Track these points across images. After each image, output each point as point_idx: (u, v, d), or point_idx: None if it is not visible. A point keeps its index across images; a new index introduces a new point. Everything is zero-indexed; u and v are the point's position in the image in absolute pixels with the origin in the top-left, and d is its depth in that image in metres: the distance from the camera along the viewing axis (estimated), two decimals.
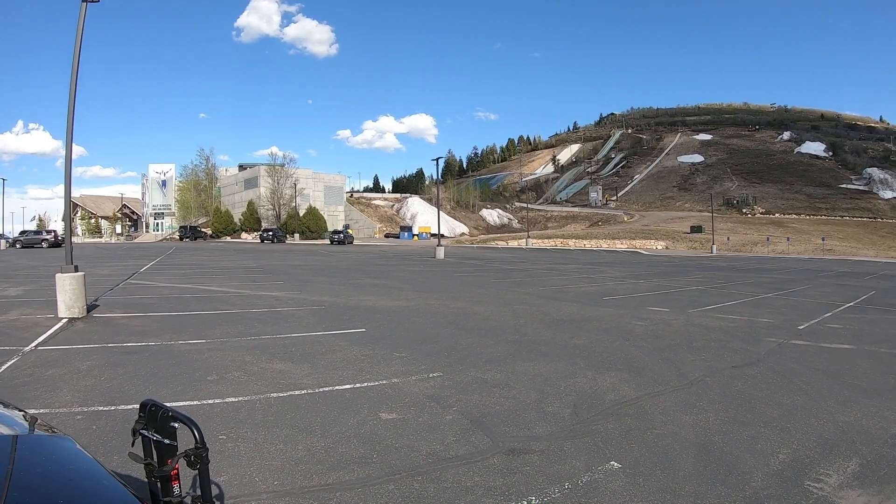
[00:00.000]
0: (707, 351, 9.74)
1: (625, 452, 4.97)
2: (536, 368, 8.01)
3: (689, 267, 37.46)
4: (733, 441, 5.40)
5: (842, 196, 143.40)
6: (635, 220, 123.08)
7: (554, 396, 6.63)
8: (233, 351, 8.66)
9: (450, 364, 8.13)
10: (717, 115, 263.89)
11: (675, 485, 4.38)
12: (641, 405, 6.43)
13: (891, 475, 4.76)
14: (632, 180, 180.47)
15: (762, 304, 17.04)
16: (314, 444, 4.95)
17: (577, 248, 74.80)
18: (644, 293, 19.33)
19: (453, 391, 6.74)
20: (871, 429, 5.92)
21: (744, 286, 23.28)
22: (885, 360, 9.66)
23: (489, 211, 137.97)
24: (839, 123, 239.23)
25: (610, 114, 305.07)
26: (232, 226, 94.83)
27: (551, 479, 4.39)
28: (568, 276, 26.71)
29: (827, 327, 13.01)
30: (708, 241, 77.06)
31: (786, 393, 7.18)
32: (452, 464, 4.61)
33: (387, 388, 6.84)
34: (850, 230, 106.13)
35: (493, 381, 7.27)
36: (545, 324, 12.18)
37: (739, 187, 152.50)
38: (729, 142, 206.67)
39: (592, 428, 5.59)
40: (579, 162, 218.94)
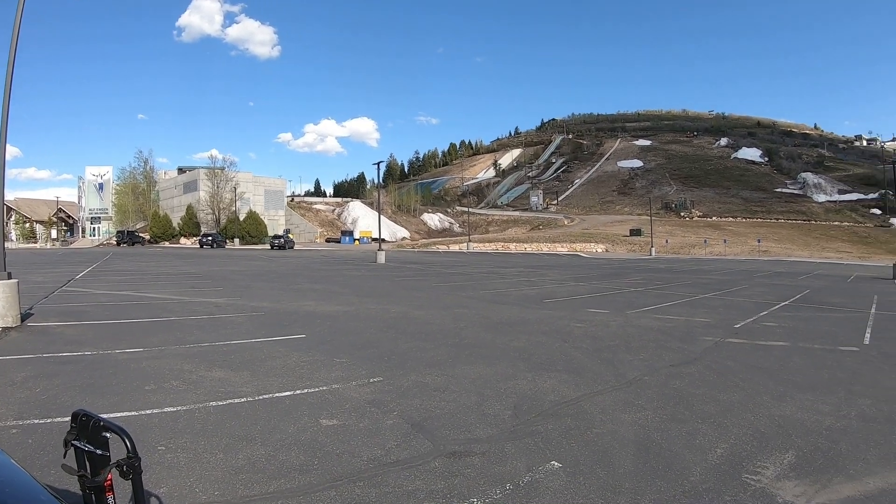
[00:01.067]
0: (645, 351, 9.99)
1: (565, 452, 5.07)
2: (477, 371, 8.07)
3: (628, 269, 38.39)
4: (672, 437, 5.55)
5: (777, 199, 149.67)
6: (576, 223, 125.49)
7: (494, 399, 6.70)
8: (171, 359, 8.45)
9: (390, 368, 8.12)
10: (657, 122, 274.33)
11: (616, 482, 4.48)
12: (581, 405, 6.54)
13: (826, 465, 4.98)
14: (572, 185, 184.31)
15: (699, 305, 17.61)
16: (254, 452, 4.91)
17: (518, 252, 75.72)
18: (583, 295, 19.69)
19: (394, 396, 6.74)
20: (806, 422, 6.20)
21: (681, 287, 24.01)
22: (819, 355, 10.14)
23: (430, 215, 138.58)
24: (775, 130, 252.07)
25: (551, 119, 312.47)
26: (171, 231, 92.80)
27: (493, 481, 4.43)
28: (508, 279, 27.00)
29: (762, 325, 13.56)
30: (647, 243, 79.20)
31: (722, 390, 7.43)
32: (394, 468, 4.63)
33: (327, 394, 6.78)
34: (785, 232, 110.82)
35: (434, 384, 7.30)
36: (485, 327, 12.29)
37: (678, 191, 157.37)
38: (668, 147, 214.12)
39: (533, 429, 5.67)
40: (520, 166, 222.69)
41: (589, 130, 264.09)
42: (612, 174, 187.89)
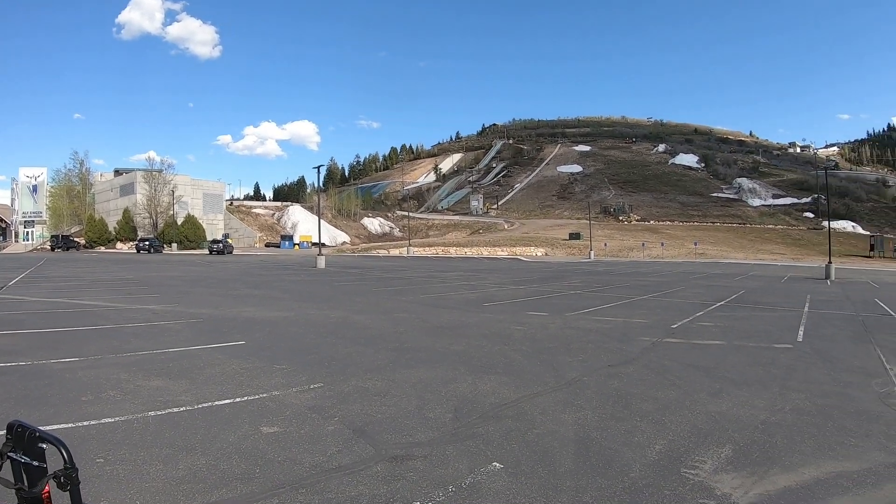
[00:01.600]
0: (584, 352, 10.15)
1: (506, 453, 5.11)
2: (417, 375, 8.07)
3: (567, 272, 38.99)
4: (611, 436, 5.65)
5: (713, 204, 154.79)
6: (516, 227, 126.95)
7: (435, 402, 6.71)
8: (108, 369, 8.16)
9: (330, 374, 8.04)
10: (597, 128, 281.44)
11: (557, 480, 4.55)
12: (521, 406, 6.61)
13: (762, 458, 5.16)
14: (512, 189, 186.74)
15: (637, 306, 18.01)
16: (195, 462, 4.82)
17: (458, 256, 76.03)
18: (523, 298, 19.88)
19: (335, 401, 6.68)
20: (742, 417, 6.41)
21: (620, 290, 24.51)
22: (753, 353, 10.52)
23: (371, 219, 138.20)
24: (712, 137, 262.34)
25: (492, 124, 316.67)
26: (107, 235, 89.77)
27: (435, 484, 4.44)
28: (449, 283, 27.09)
29: (699, 325, 13.98)
30: (586, 247, 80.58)
31: (660, 388, 7.62)
32: (336, 474, 4.60)
33: (268, 401, 6.68)
34: (721, 235, 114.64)
35: (375, 389, 7.27)
36: (425, 331, 12.31)
37: (616, 196, 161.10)
38: (607, 153, 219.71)
39: (474, 431, 5.70)
40: (461, 171, 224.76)
41: (529, 136, 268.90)
42: (551, 179, 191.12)
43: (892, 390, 7.90)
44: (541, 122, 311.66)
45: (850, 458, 5.26)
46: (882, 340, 12.44)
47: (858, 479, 4.77)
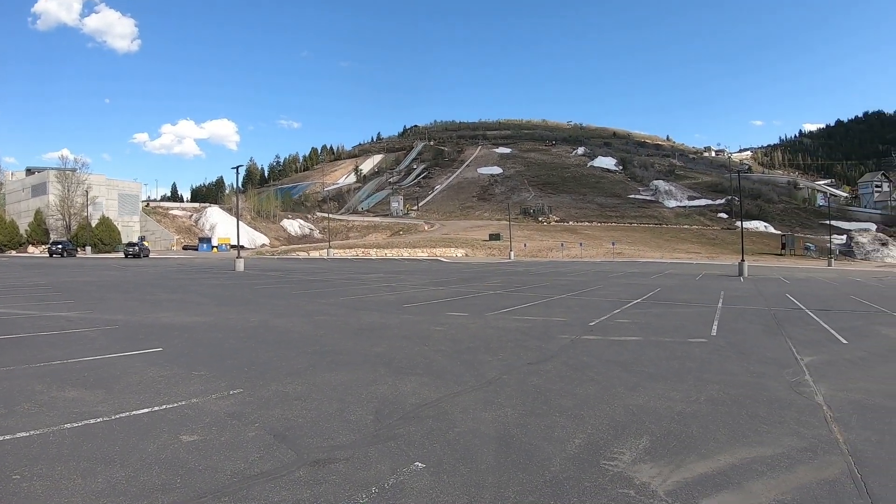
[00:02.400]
0: (504, 351, 10.28)
1: (428, 452, 5.16)
2: (338, 378, 8.01)
3: (487, 273, 39.37)
4: (531, 432, 5.75)
5: (631, 205, 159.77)
6: (436, 229, 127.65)
7: (356, 404, 6.68)
8: (20, 380, 7.77)
9: (250, 379, 7.89)
10: (517, 131, 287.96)
11: (479, 478, 4.62)
12: (442, 406, 6.65)
13: (679, 448, 5.36)
14: (433, 190, 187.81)
15: (556, 305, 18.36)
16: (114, 474, 4.69)
17: (378, 258, 75.86)
18: (443, 299, 19.96)
19: (255, 407, 6.57)
20: (659, 409, 6.65)
21: (539, 289, 24.91)
22: (669, 347, 10.93)
23: (290, 221, 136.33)
24: (630, 141, 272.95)
25: (413, 126, 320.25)
26: (17, 238, 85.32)
27: (358, 486, 4.44)
28: (369, 285, 26.94)
29: (616, 322, 14.39)
30: (506, 247, 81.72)
31: (579, 384, 7.80)
32: (258, 481, 4.55)
33: (187, 408, 6.52)
34: (638, 235, 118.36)
35: (295, 393, 7.18)
36: (346, 333, 12.22)
37: (536, 197, 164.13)
38: (527, 155, 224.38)
39: (395, 432, 5.72)
40: (382, 172, 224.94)
41: (451, 138, 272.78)
42: (472, 180, 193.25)
43: (803, 379, 8.36)
44: (462, 124, 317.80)
45: (764, 443, 5.53)
46: (792, 332, 13.17)
47: (772, 464, 5.03)
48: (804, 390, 7.69)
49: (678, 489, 4.45)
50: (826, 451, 5.42)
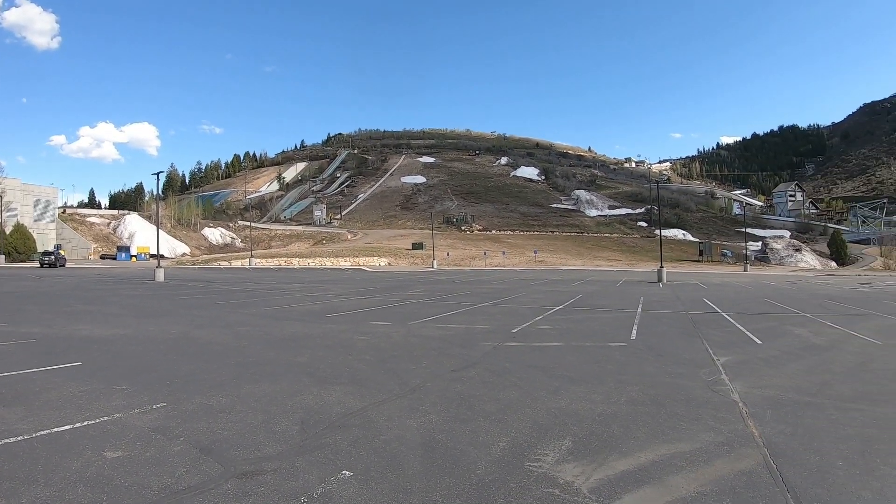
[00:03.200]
0: (427, 359, 10.35)
1: (355, 460, 5.21)
2: (262, 389, 7.93)
3: (410, 282, 39.40)
4: (456, 437, 5.84)
5: (553, 214, 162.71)
6: (359, 238, 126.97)
7: (281, 415, 6.65)
8: None
9: (173, 393, 7.73)
10: (441, 140, 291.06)
11: (406, 483, 4.71)
12: (367, 414, 6.68)
13: (600, 447, 5.56)
14: (356, 199, 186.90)
15: (479, 313, 18.56)
16: (38, 494, 4.56)
17: (301, 267, 74.76)
18: (366, 308, 19.88)
19: (179, 421, 6.45)
20: (580, 411, 6.86)
21: (462, 297, 25.10)
22: (589, 352, 11.24)
23: (212, 230, 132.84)
24: (552, 151, 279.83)
25: (338, 133, 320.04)
26: None
27: (286, 496, 4.46)
28: (292, 295, 26.58)
29: (538, 329, 14.68)
30: (429, 256, 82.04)
31: (502, 389, 7.95)
32: (186, 495, 4.52)
33: (109, 424, 6.35)
34: (559, 243, 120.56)
35: (219, 406, 7.08)
36: (269, 344, 12.09)
37: (459, 206, 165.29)
38: (451, 165, 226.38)
39: (322, 441, 5.73)
40: (305, 180, 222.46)
41: (375, 146, 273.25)
42: (395, 189, 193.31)
43: (719, 378, 8.76)
44: (386, 132, 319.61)
45: (683, 440, 5.80)
46: (709, 335, 13.73)
47: (691, 458, 5.29)
48: (720, 388, 8.05)
49: (601, 486, 4.63)
50: (742, 444, 5.72)
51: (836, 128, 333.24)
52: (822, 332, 14.56)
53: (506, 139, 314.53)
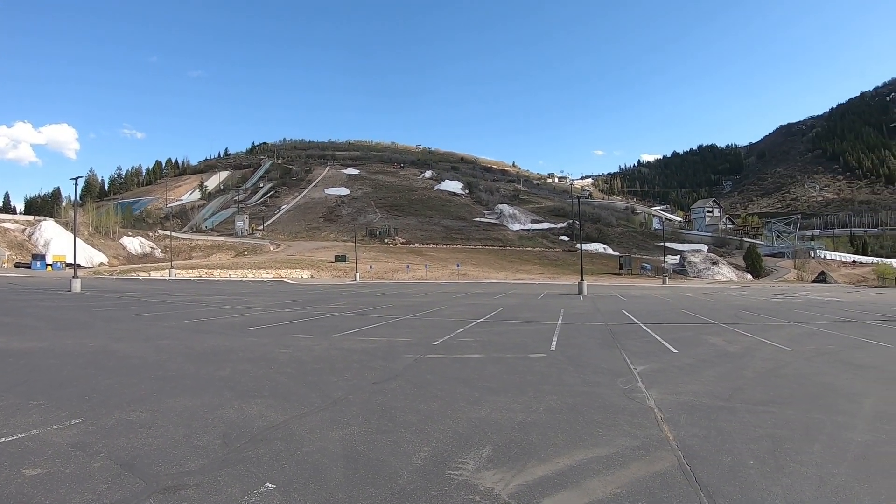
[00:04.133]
0: (349, 371, 10.33)
1: (278, 473, 5.21)
2: (183, 403, 7.78)
3: (333, 294, 39.13)
4: (378, 448, 5.89)
5: (476, 228, 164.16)
6: (281, 249, 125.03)
7: (203, 429, 6.56)
8: None
9: (92, 408, 7.51)
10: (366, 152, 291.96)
11: (329, 494, 4.74)
12: (289, 427, 6.66)
13: (520, 454, 5.71)
14: (279, 210, 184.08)
15: (401, 325, 18.62)
16: None
17: (222, 279, 73.13)
18: (288, 321, 19.66)
19: (99, 436, 6.28)
20: (500, 420, 7.01)
21: (385, 310, 25.10)
22: (510, 363, 11.43)
23: (131, 238, 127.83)
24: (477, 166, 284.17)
25: (262, 143, 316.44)
26: None
27: None
28: (213, 307, 26.03)
29: (459, 341, 14.83)
30: (352, 269, 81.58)
31: (423, 400, 8.04)
32: None
33: (26, 441, 6.14)
34: (482, 257, 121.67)
35: (140, 421, 6.92)
36: (190, 358, 11.83)
37: (383, 219, 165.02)
38: (375, 177, 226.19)
39: (244, 455, 5.69)
40: (227, 189, 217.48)
41: (299, 156, 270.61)
42: (319, 201, 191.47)
43: (636, 386, 9.09)
44: (311, 143, 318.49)
45: (600, 445, 6.02)
46: (627, 345, 14.16)
47: (608, 462, 5.51)
48: (637, 396, 8.35)
49: (520, 492, 4.76)
50: (657, 447, 5.98)
51: (752, 148, 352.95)
52: (736, 341, 15.26)
53: (431, 153, 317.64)
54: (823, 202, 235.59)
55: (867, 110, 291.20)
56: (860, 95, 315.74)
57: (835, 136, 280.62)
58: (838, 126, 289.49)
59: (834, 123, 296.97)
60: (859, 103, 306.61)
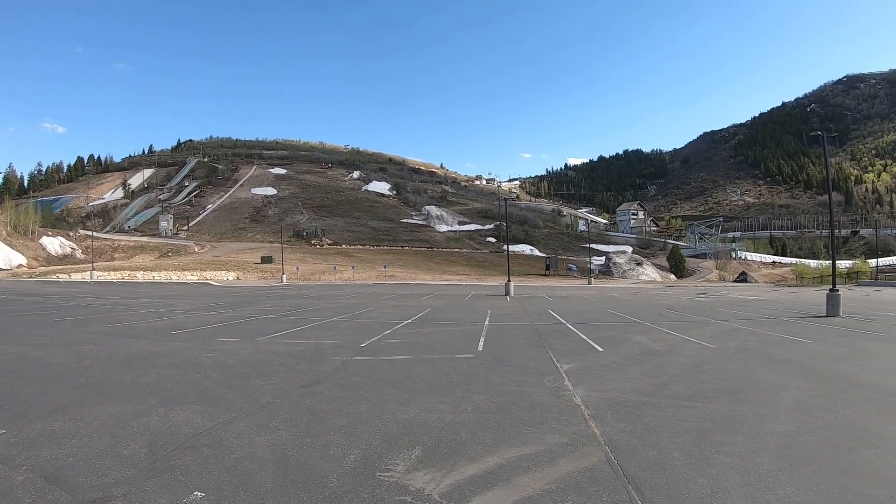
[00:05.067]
0: (276, 375, 10.22)
1: (206, 481, 5.12)
2: (107, 412, 7.54)
3: (259, 297, 38.47)
4: (307, 452, 5.86)
5: (403, 229, 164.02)
6: (206, 250, 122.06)
7: (128, 438, 6.38)
8: None
9: (12, 419, 7.21)
10: (294, 152, 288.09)
11: (259, 500, 4.71)
12: (217, 434, 6.55)
13: (450, 454, 5.78)
14: (205, 210, 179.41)
15: (328, 328, 18.46)
16: None
17: (146, 281, 70.95)
18: (214, 325, 19.26)
19: (20, 448, 6.05)
20: (429, 421, 7.07)
21: (312, 312, 24.85)
22: (438, 364, 11.50)
23: (51, 239, 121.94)
24: (405, 167, 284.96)
25: (188, 140, 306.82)
26: None
27: None
28: (136, 311, 25.21)
29: (387, 342, 14.83)
30: (278, 270, 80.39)
31: (351, 403, 8.03)
32: None
33: None
34: (409, 258, 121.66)
35: (63, 431, 6.68)
36: (113, 364, 11.45)
37: (310, 220, 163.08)
38: (302, 177, 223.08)
39: (171, 463, 5.58)
40: (151, 188, 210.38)
41: (226, 155, 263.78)
42: (245, 201, 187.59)
43: (563, 384, 9.28)
44: (238, 141, 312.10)
45: (529, 443, 6.14)
46: (553, 344, 14.41)
47: (537, 460, 5.62)
48: (563, 394, 8.53)
49: (451, 491, 4.82)
50: (585, 443, 6.15)
51: (677, 153, 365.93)
52: (660, 339, 15.69)
53: (359, 153, 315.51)
54: (744, 206, 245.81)
55: (788, 120, 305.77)
56: (781, 105, 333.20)
57: (756, 144, 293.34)
58: (760, 134, 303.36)
59: (756, 131, 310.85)
60: (780, 113, 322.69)
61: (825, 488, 4.98)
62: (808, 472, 5.38)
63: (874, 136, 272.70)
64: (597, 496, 4.76)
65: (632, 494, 4.81)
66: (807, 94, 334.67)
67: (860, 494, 4.86)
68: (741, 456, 5.77)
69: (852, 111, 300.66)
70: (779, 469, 5.43)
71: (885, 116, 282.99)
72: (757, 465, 5.52)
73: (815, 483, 5.10)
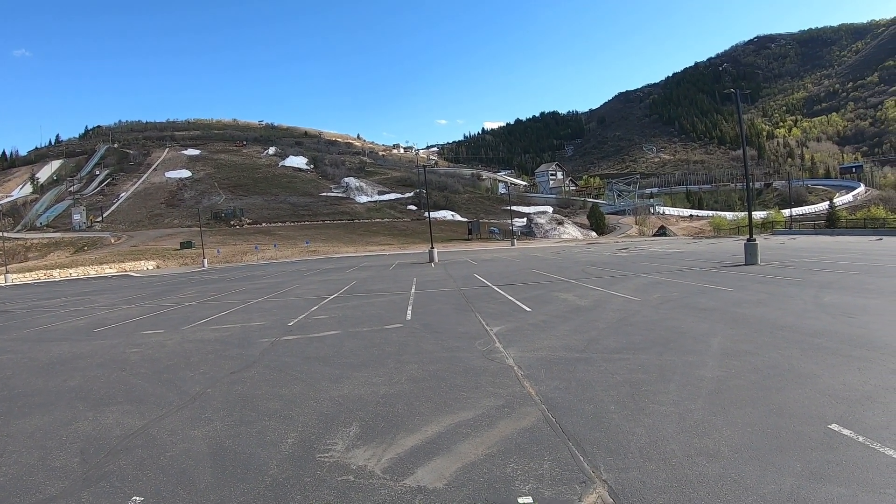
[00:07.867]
0: (205, 364, 9.98)
1: (144, 484, 4.95)
2: (33, 423, 7.18)
3: (181, 284, 37.46)
4: (244, 441, 5.73)
5: (323, 203, 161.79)
6: (123, 241, 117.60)
7: (59, 449, 6.09)
8: None
9: None
10: (207, 131, 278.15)
11: (200, 497, 4.58)
12: (149, 432, 6.34)
13: (388, 428, 5.76)
14: (118, 199, 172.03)
15: (254, 310, 18.14)
16: None
17: (63, 279, 67.78)
18: (137, 318, 18.63)
19: None
20: (364, 395, 7.03)
21: (236, 295, 24.37)
22: (367, 336, 11.49)
23: None
24: (321, 140, 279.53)
25: (96, 126, 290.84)
26: None
27: None
28: (55, 311, 24.07)
29: (314, 319, 14.70)
30: (199, 255, 78.41)
31: (284, 385, 7.92)
32: None
33: None
34: (331, 232, 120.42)
35: None
36: (35, 371, 10.90)
37: (227, 201, 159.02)
38: (217, 157, 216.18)
39: (106, 470, 5.37)
40: (61, 180, 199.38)
41: (137, 139, 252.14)
42: (160, 186, 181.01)
43: (494, 347, 9.37)
44: (149, 124, 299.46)
45: (466, 408, 6.17)
46: (481, 308, 14.53)
47: (475, 424, 5.66)
48: (496, 356, 8.61)
49: (393, 465, 4.80)
50: (521, 404, 6.22)
51: (593, 114, 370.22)
52: (586, 295, 15.98)
53: (274, 128, 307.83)
54: (661, 163, 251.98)
55: (701, 79, 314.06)
56: (694, 65, 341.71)
57: (671, 103, 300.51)
58: (674, 93, 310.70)
59: (670, 91, 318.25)
60: (693, 73, 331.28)
61: (759, 428, 5.17)
62: (741, 414, 5.56)
63: (785, 93, 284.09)
64: (539, 456, 4.81)
65: (573, 451, 4.88)
66: (719, 55, 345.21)
67: (792, 432, 5.05)
68: (675, 404, 5.94)
69: (763, 70, 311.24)
70: (713, 414, 5.60)
71: (795, 75, 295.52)
72: (691, 411, 5.69)
73: (749, 424, 5.28)
